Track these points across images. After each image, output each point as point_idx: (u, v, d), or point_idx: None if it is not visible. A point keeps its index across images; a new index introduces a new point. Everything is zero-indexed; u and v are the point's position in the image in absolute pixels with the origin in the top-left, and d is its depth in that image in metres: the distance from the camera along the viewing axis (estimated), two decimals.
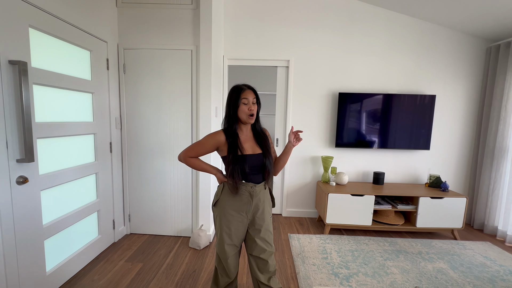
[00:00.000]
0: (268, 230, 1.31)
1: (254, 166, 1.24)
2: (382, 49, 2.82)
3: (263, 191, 1.29)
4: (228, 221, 1.26)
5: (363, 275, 1.89)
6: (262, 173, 1.27)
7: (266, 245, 1.29)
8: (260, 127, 1.33)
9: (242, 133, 1.28)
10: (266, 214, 1.31)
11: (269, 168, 1.26)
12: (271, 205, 1.38)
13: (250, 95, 1.22)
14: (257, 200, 1.27)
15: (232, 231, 1.26)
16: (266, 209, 1.31)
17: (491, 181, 2.64)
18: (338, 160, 2.95)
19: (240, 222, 1.27)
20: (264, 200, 1.30)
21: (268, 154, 1.27)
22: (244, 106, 1.21)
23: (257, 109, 1.25)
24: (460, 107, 2.89)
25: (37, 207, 1.48)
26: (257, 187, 1.25)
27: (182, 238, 2.40)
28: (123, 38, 2.24)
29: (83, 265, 1.91)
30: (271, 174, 1.31)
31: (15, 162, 1.33)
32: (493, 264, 2.09)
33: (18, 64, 1.29)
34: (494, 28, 2.56)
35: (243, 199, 1.24)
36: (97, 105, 2.00)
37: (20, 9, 1.34)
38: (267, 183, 1.32)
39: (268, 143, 1.31)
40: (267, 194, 1.34)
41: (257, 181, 1.26)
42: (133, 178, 2.39)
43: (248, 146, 1.26)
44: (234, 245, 1.29)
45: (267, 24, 2.79)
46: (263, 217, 1.30)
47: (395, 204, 2.60)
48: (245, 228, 1.30)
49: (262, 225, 1.29)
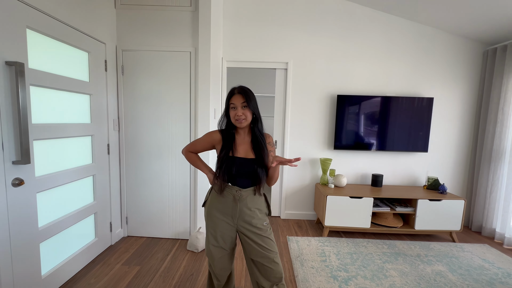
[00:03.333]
0: (264, 236, 1.24)
1: (243, 170, 1.19)
2: (381, 52, 2.83)
3: (251, 196, 1.23)
4: (213, 222, 1.26)
5: (362, 278, 1.88)
6: (252, 179, 1.22)
7: (265, 250, 1.23)
8: (259, 132, 1.24)
9: (239, 136, 1.26)
10: (257, 220, 1.24)
11: (261, 175, 1.20)
12: (266, 213, 1.30)
13: (237, 100, 1.17)
14: (243, 205, 1.22)
15: (218, 233, 1.25)
16: (257, 216, 1.24)
17: (489, 183, 2.65)
18: (336, 162, 2.95)
19: (226, 224, 1.24)
20: (255, 207, 1.24)
21: (261, 161, 1.19)
22: (232, 112, 1.19)
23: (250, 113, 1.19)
24: (458, 109, 2.90)
25: (32, 210, 1.46)
26: (242, 191, 1.21)
27: (180, 241, 2.38)
28: (121, 40, 2.24)
29: (79, 268, 1.89)
30: (263, 182, 1.23)
31: (10, 164, 1.31)
32: (492, 267, 2.09)
33: (15, 65, 1.28)
34: (491, 31, 2.59)
35: (228, 201, 1.23)
36: (95, 107, 1.99)
37: (17, 10, 1.33)
38: (258, 190, 1.24)
39: (264, 150, 1.21)
40: (259, 200, 1.27)
41: (243, 185, 1.22)
42: (131, 180, 2.38)
43: (241, 149, 1.23)
44: (220, 247, 1.26)
45: (266, 27, 2.80)
46: (254, 224, 1.23)
47: (394, 206, 2.60)
48: (233, 232, 1.26)
49: (254, 231, 1.23)
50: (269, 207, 1.32)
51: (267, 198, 1.32)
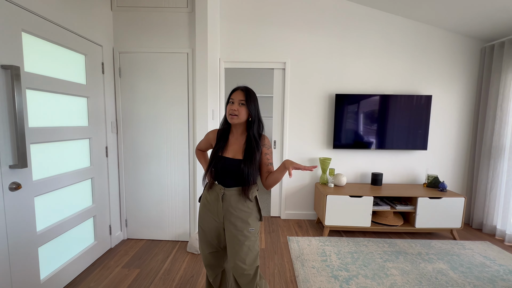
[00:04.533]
0: (245, 244, 1.18)
1: (228, 169, 1.19)
2: (378, 50, 2.83)
3: (236, 197, 1.20)
4: (202, 217, 1.30)
5: (363, 277, 1.87)
6: (236, 179, 1.20)
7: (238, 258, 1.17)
8: (254, 136, 1.21)
9: (233, 136, 1.27)
10: (242, 224, 1.19)
11: (249, 177, 1.16)
12: (257, 217, 1.25)
13: (237, 95, 1.19)
14: (227, 205, 1.21)
15: (206, 228, 1.28)
16: (243, 219, 1.20)
17: (489, 180, 2.65)
18: (336, 162, 2.94)
19: (213, 221, 1.25)
20: (241, 209, 1.20)
21: (249, 163, 1.16)
22: (229, 106, 1.21)
23: (246, 113, 1.19)
24: (456, 106, 2.90)
25: (30, 214, 1.45)
26: (226, 190, 1.21)
27: (180, 243, 2.37)
28: (118, 42, 2.23)
29: (78, 272, 1.88)
30: (251, 184, 1.19)
31: (7, 168, 1.30)
32: (493, 264, 2.08)
33: (11, 69, 1.27)
34: (488, 28, 2.59)
35: (213, 199, 1.25)
36: (92, 109, 1.98)
37: (12, 13, 1.32)
38: (244, 193, 1.19)
39: (255, 153, 1.18)
40: (247, 203, 1.22)
41: (228, 185, 1.21)
42: (130, 182, 2.37)
43: (231, 149, 1.23)
44: (208, 242, 1.29)
45: (263, 27, 2.80)
46: (239, 227, 1.19)
47: (394, 205, 2.59)
48: (220, 229, 1.26)
49: (236, 235, 1.19)
50: (260, 212, 1.27)
51: (258, 203, 1.27)
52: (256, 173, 1.21)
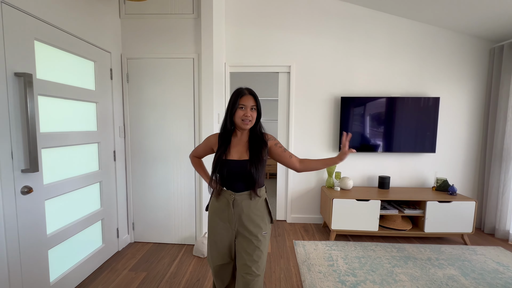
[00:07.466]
0: (259, 248, 1.16)
1: (235, 172, 1.16)
2: (385, 53, 2.81)
3: (247, 201, 1.18)
4: (212, 226, 1.24)
5: (370, 282, 1.84)
6: (245, 181, 1.17)
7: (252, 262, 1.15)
8: (258, 132, 1.23)
9: (236, 137, 1.24)
10: (255, 228, 1.18)
11: (255, 177, 1.14)
12: (268, 220, 1.24)
13: (248, 101, 1.16)
14: (239, 210, 1.18)
15: (217, 238, 1.22)
16: (255, 222, 1.18)
17: (501, 184, 2.57)
18: (342, 165, 2.91)
19: (224, 230, 1.21)
20: (253, 213, 1.19)
21: (256, 161, 1.15)
22: (240, 111, 1.16)
23: (256, 116, 1.20)
24: (465, 108, 2.85)
25: (41, 217, 1.49)
26: (236, 196, 1.17)
27: (186, 246, 2.38)
28: (126, 48, 2.29)
29: (87, 275, 1.90)
30: (258, 184, 1.18)
31: (20, 172, 1.34)
32: (506, 270, 2.02)
33: (24, 76, 1.32)
34: (497, 29, 2.54)
35: (223, 206, 1.20)
36: (101, 114, 2.03)
37: (26, 23, 1.37)
38: (254, 193, 1.18)
39: (261, 150, 1.18)
40: (258, 206, 1.21)
41: (237, 189, 1.18)
42: (137, 186, 2.40)
43: (235, 151, 1.20)
44: (220, 254, 1.23)
45: (268, 30, 2.82)
46: (252, 232, 1.17)
47: (402, 208, 2.55)
48: (230, 239, 1.22)
49: (251, 240, 1.17)
50: (270, 214, 1.26)
51: (268, 205, 1.26)
52: (263, 173, 1.20)
